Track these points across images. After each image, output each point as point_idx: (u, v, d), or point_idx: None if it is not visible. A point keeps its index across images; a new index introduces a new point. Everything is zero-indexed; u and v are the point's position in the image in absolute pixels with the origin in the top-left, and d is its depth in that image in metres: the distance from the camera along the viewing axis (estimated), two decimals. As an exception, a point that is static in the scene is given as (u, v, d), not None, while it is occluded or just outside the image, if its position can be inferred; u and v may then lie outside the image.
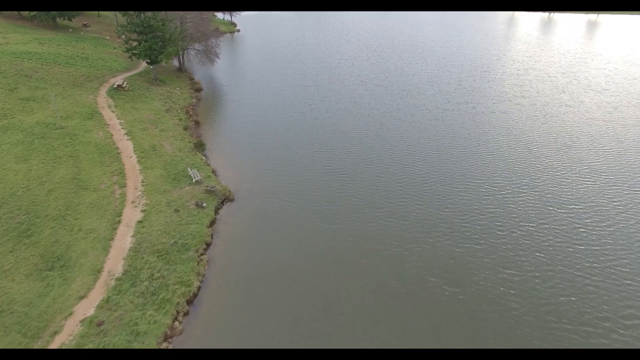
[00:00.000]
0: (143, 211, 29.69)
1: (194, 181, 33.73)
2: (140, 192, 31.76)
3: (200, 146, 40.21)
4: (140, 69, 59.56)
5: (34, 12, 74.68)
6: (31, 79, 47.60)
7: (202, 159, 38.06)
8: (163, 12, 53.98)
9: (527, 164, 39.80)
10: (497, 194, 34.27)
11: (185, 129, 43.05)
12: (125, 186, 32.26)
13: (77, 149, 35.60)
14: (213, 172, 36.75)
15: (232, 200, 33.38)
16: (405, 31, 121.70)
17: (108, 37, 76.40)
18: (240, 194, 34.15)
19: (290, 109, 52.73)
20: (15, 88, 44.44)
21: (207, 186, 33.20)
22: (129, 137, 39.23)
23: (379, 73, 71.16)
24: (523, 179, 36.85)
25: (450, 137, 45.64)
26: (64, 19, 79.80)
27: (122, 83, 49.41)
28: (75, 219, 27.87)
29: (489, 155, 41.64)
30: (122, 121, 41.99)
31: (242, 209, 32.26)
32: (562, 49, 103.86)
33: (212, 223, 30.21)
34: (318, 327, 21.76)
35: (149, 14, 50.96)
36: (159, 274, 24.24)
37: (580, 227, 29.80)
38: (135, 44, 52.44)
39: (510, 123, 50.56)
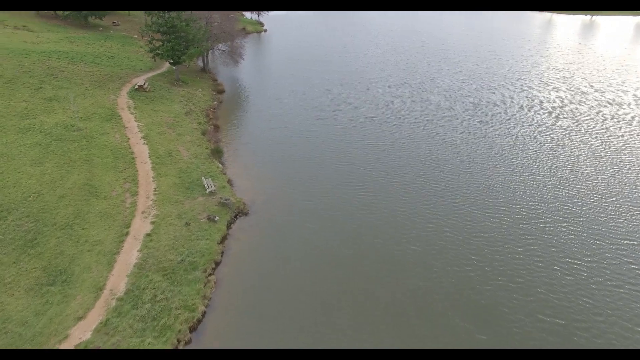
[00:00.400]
0: (153, 223, 28.35)
1: (207, 192, 32.21)
2: (151, 202, 30.49)
3: (217, 153, 38.78)
4: (163, 69, 59.06)
5: (67, 12, 76.08)
6: (56, 78, 47.67)
7: (218, 167, 36.56)
8: (188, 12, 53.08)
9: (569, 187, 36.09)
10: (535, 221, 30.93)
11: (204, 133, 41.76)
12: (137, 194, 31.07)
13: (92, 153, 34.83)
14: (229, 181, 35.17)
15: (246, 214, 31.63)
16: (436, 34, 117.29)
17: (135, 36, 76.76)
18: (255, 208, 32.35)
19: (313, 115, 50.59)
20: (41, 87, 44.49)
21: (220, 198, 31.59)
22: (145, 141, 38.23)
23: (407, 79, 68.03)
24: (565, 205, 33.26)
25: (482, 152, 42.29)
26: (95, 18, 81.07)
27: (144, 84, 48.78)
28: (83, 228, 26.81)
29: (526, 174, 38.13)
30: (140, 124, 41.14)
31: (256, 225, 30.44)
32: (608, 55, 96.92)
33: (224, 239, 28.53)
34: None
35: (173, 14, 50.12)
36: (162, 296, 22.68)
37: (636, 267, 26.17)
38: (159, 44, 51.76)
39: (550, 138, 46.55)
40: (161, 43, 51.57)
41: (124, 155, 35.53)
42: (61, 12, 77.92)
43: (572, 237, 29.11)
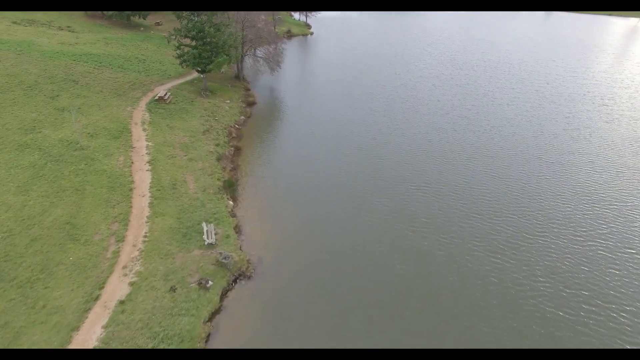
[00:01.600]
0: (132, 284, 22.88)
1: (206, 243, 26.34)
2: (137, 252, 25.11)
3: (229, 187, 32.93)
4: (193, 76, 54.72)
5: (111, 12, 74.85)
6: (77, 84, 44.52)
7: (226, 206, 30.64)
8: (221, 13, 47.84)
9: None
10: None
11: (219, 159, 36.12)
12: (124, 240, 25.86)
13: (87, 180, 30.27)
14: (236, 227, 29.08)
15: (249, 277, 25.32)
16: (498, 43, 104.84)
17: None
18: (262, 269, 25.98)
19: (350, 143, 42.80)
20: (58, 95, 41.33)
21: (220, 253, 25.54)
22: (150, 167, 33.27)
23: (464, 99, 58.62)
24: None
25: (562, 217, 32.70)
26: (138, 17, 79.44)
27: (165, 95, 44.33)
28: (46, 287, 21.84)
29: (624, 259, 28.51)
30: (150, 143, 36.36)
31: (259, 295, 24.03)
32: None
33: (213, 315, 22.39)
34: None
35: (204, 17, 45.16)
36: (112, 410, 16.90)
37: None
38: (187, 49, 47.15)
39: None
40: (190, 48, 46.89)
41: (121, 184, 30.66)
42: (107, 12, 76.97)
43: None
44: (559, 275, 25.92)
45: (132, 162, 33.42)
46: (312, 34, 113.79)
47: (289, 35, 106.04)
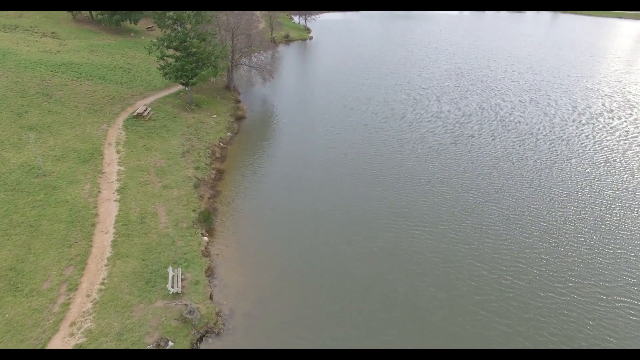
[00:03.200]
0: (78, 347, 19.60)
1: (170, 293, 23.00)
2: (90, 305, 21.80)
3: (205, 219, 29.56)
4: (179, 88, 51.52)
5: (100, 16, 71.91)
6: (50, 99, 41.40)
7: (200, 244, 27.28)
8: (211, 14, 44.39)
9: None
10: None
11: (197, 186, 32.77)
12: (77, 289, 22.57)
13: (44, 214, 27.04)
14: (208, 269, 25.70)
15: (217, 334, 21.93)
16: (506, 49, 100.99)
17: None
18: (234, 323, 22.59)
19: (343, 168, 38.91)
20: (26, 112, 38.19)
21: (185, 305, 22.22)
22: (119, 196, 29.99)
23: (470, 114, 54.87)
24: None
25: (581, 273, 29.00)
26: (129, 22, 76.46)
27: (144, 111, 41.11)
28: (-26, 354, 18.57)
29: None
30: (122, 168, 33.10)
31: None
32: None
33: (170, 387, 19.05)
34: None
35: (188, 26, 41.91)
36: None
37: None
38: (170, 60, 43.94)
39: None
40: (174, 60, 43.64)
41: (83, 218, 27.40)
42: (96, 15, 74.06)
43: None
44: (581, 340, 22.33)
45: (99, 191, 30.14)
46: (311, 38, 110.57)
47: (287, 40, 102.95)
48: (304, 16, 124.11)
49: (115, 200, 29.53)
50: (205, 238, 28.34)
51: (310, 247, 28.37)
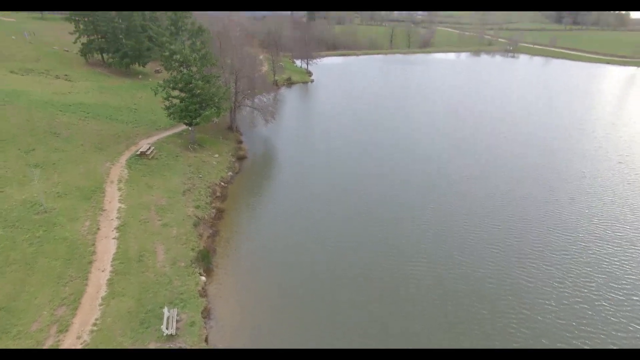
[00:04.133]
0: (63, 394, 18.66)
1: (164, 335, 22.28)
2: (80, 347, 21.07)
3: (204, 258, 29.25)
4: (182, 127, 52.82)
5: (111, 60, 75.52)
6: (58, 137, 42.46)
7: (197, 283, 26.79)
8: (214, 58, 46.47)
9: None
10: None
11: (196, 225, 32.73)
12: (67, 330, 21.91)
13: (41, 250, 26.84)
14: (205, 310, 25.05)
15: (211, 380, 21.00)
16: (500, 91, 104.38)
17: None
18: (228, 368, 21.65)
19: (339, 214, 37.87)
20: (33, 150, 39.04)
21: (179, 348, 21.47)
22: (118, 233, 29.89)
23: (468, 168, 55.34)
24: None
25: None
26: (138, 65, 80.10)
27: (147, 150, 41.99)
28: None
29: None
30: (122, 205, 33.26)
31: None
32: None
33: None
34: None
35: (193, 68, 43.88)
36: None
37: None
38: (175, 101, 45.50)
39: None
40: (179, 100, 45.20)
41: (80, 255, 27.16)
42: (107, 59, 77.68)
43: None
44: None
45: (99, 228, 30.09)
46: (312, 81, 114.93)
47: (289, 82, 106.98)
48: (305, 60, 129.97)
49: (114, 238, 29.41)
50: (203, 278, 27.88)
51: (309, 290, 27.78)
